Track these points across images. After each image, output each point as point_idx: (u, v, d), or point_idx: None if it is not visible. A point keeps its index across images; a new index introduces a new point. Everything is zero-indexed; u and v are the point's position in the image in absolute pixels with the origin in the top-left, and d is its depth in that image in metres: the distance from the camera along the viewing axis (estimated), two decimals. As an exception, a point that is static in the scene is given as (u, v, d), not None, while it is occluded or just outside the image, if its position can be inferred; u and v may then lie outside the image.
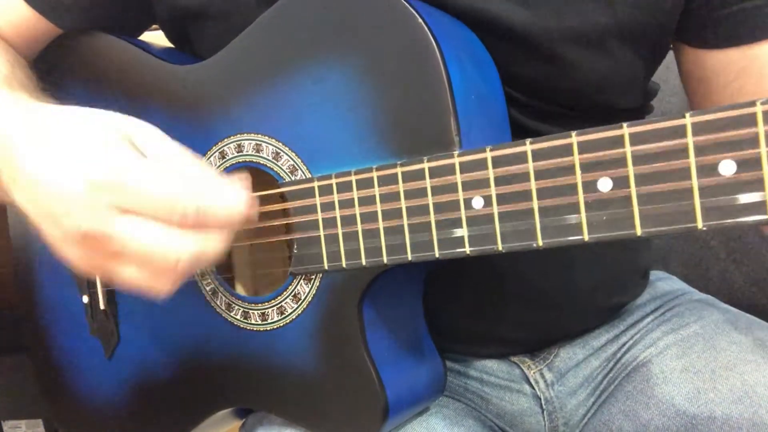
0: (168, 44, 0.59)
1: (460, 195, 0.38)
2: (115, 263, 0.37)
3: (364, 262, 0.42)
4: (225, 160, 0.49)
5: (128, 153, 0.37)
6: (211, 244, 0.37)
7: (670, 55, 0.53)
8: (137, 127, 0.40)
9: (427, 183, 0.39)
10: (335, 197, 0.43)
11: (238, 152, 0.48)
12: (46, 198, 0.38)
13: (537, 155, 0.35)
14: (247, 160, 0.48)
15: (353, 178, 0.42)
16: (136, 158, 0.37)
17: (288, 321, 0.48)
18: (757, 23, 0.46)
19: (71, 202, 0.36)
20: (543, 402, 0.55)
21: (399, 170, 0.40)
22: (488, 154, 0.37)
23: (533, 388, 0.55)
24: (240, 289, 0.56)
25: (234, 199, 0.37)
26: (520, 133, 0.47)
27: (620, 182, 0.33)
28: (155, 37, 0.60)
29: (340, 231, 0.43)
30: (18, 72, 0.52)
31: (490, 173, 0.37)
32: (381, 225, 0.41)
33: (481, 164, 0.37)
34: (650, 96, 0.54)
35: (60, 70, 0.58)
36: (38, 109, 0.43)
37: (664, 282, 0.62)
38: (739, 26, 0.47)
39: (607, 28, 0.45)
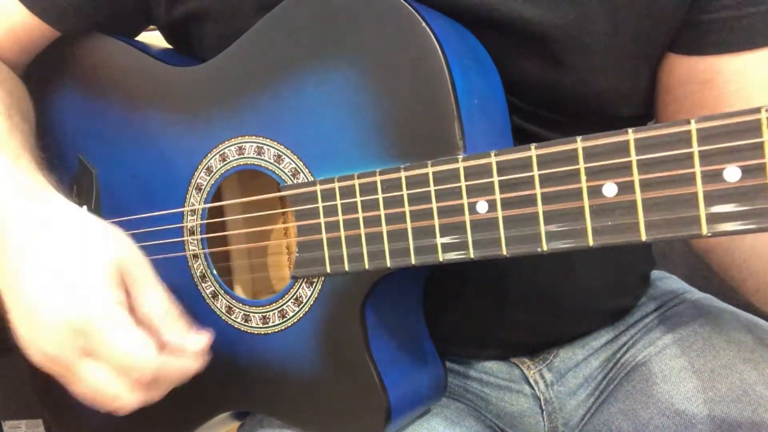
0: (166, 45, 0.58)
1: (464, 199, 0.38)
2: (66, 380, 0.43)
3: (367, 265, 0.42)
4: (226, 162, 0.49)
5: (110, 295, 0.41)
6: (159, 392, 0.44)
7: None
8: (131, 261, 0.43)
9: (431, 187, 0.39)
10: (338, 201, 0.43)
11: (239, 155, 0.48)
12: (28, 314, 0.42)
13: (542, 160, 0.35)
14: (249, 162, 0.48)
15: (356, 182, 0.42)
16: (116, 307, 0.41)
17: (289, 324, 0.48)
18: (733, 37, 0.46)
19: (49, 331, 0.41)
20: (543, 402, 0.55)
21: (402, 174, 0.40)
22: (493, 159, 0.37)
23: (533, 388, 0.56)
24: (240, 292, 0.56)
25: (191, 363, 0.43)
26: (521, 139, 0.47)
27: (625, 188, 0.33)
28: (153, 38, 0.59)
29: (342, 235, 0.43)
30: (16, 118, 0.51)
31: (495, 178, 0.37)
32: (384, 229, 0.41)
33: (486, 169, 0.37)
34: (653, 105, 0.54)
35: (58, 73, 0.57)
36: (37, 203, 0.45)
37: (664, 282, 0.62)
38: (710, 35, 0.46)
39: (612, 35, 0.45)
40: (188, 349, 0.43)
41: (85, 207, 0.53)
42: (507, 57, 0.45)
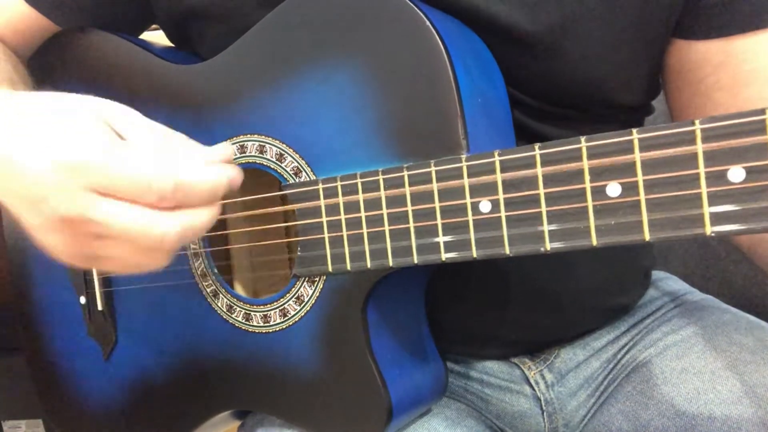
0: (168, 43, 0.58)
1: (468, 199, 0.38)
2: (98, 247, 0.37)
3: (369, 264, 0.42)
4: (227, 161, 0.49)
5: (101, 135, 0.36)
6: (197, 218, 0.37)
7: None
8: (116, 110, 0.39)
9: (434, 186, 0.39)
10: (340, 200, 0.43)
11: (241, 153, 0.48)
12: (21, 184, 0.37)
13: (545, 160, 0.35)
14: (251, 161, 0.48)
15: (359, 180, 0.42)
16: (110, 140, 0.36)
17: (291, 323, 0.48)
18: (741, 17, 0.46)
19: (47, 187, 0.36)
20: (543, 403, 0.55)
21: (405, 173, 0.40)
22: (496, 158, 0.37)
23: (533, 389, 0.55)
24: (240, 291, 0.56)
25: (214, 172, 0.37)
26: (523, 134, 0.47)
27: (629, 188, 0.33)
28: (156, 37, 0.59)
29: (344, 234, 0.43)
30: (4, 65, 0.51)
31: (498, 177, 0.37)
32: (387, 228, 0.41)
33: (489, 168, 0.37)
34: (655, 92, 0.54)
35: (56, 69, 0.57)
36: (14, 95, 0.42)
37: (664, 282, 0.62)
38: (721, 17, 0.47)
39: (609, 21, 0.45)
40: (203, 168, 0.37)
41: None
42: (502, 50, 0.45)
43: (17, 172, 0.37)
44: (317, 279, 0.46)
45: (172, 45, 0.58)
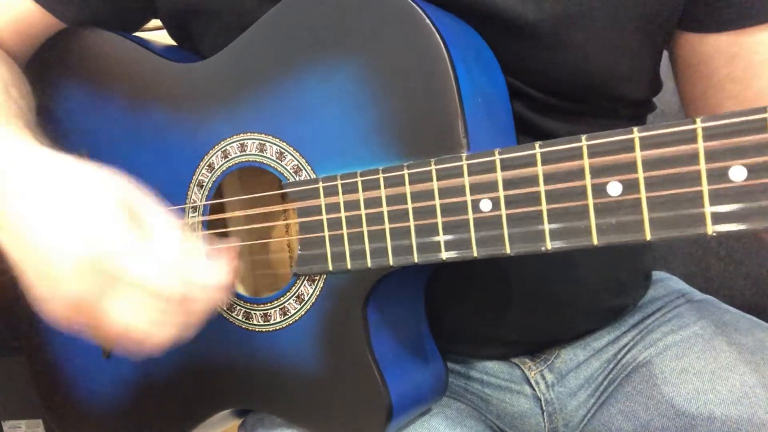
0: (169, 42, 0.58)
1: (468, 197, 0.38)
2: (98, 327, 0.40)
3: (369, 263, 0.42)
4: (228, 159, 0.49)
5: (123, 229, 0.39)
6: (190, 323, 0.41)
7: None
8: (133, 193, 0.42)
9: (435, 185, 0.39)
10: (340, 198, 0.43)
11: (241, 152, 0.48)
12: (42, 264, 0.39)
13: (546, 158, 0.35)
14: (251, 159, 0.48)
15: (359, 179, 0.42)
16: (130, 236, 0.39)
17: (291, 322, 0.48)
18: (751, 9, 0.47)
19: (66, 274, 0.39)
20: (543, 403, 0.55)
21: (406, 172, 0.40)
22: (497, 157, 0.37)
23: (534, 389, 0.55)
24: (241, 289, 0.56)
25: (218, 276, 0.41)
26: (524, 128, 0.47)
27: (630, 187, 0.33)
28: (158, 37, 0.59)
29: (345, 232, 0.43)
30: (12, 91, 0.51)
31: (499, 176, 0.37)
32: (387, 227, 0.41)
33: (490, 166, 0.37)
34: (657, 88, 0.54)
35: (57, 68, 0.57)
36: (34, 157, 0.43)
37: (665, 282, 0.62)
38: (731, 10, 0.47)
39: (613, 11, 0.45)
40: (212, 271, 0.41)
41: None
42: (504, 41, 0.45)
43: (40, 255, 0.39)
44: (317, 278, 0.46)
45: (174, 44, 0.58)
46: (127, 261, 0.39)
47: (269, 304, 0.49)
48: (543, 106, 0.48)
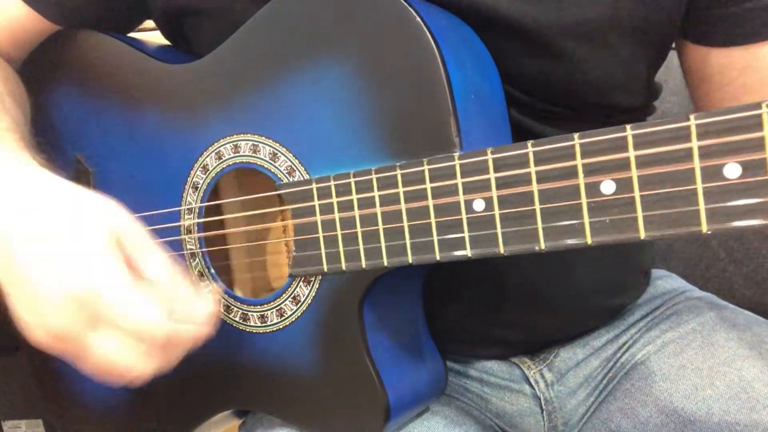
0: (164, 42, 0.58)
1: (461, 197, 0.38)
2: (79, 356, 0.41)
3: (364, 264, 0.42)
4: (222, 161, 0.49)
5: (112, 265, 0.39)
6: (172, 359, 0.42)
7: (671, 54, 0.53)
8: (126, 225, 0.42)
9: (427, 185, 0.39)
10: (334, 199, 0.42)
11: (234, 153, 0.48)
12: (29, 294, 0.40)
13: (539, 157, 0.35)
14: (244, 161, 0.47)
15: (352, 180, 0.41)
16: (119, 273, 0.39)
17: (288, 323, 0.48)
18: (763, 22, 0.46)
19: (53, 307, 0.39)
20: (543, 402, 0.55)
21: (398, 172, 0.40)
22: (489, 156, 0.36)
23: (533, 388, 0.55)
24: (238, 291, 0.56)
25: (204, 315, 0.42)
26: (520, 134, 0.47)
27: (623, 185, 0.33)
28: (153, 37, 0.59)
29: (339, 233, 0.43)
30: (7, 101, 0.51)
31: (491, 175, 0.36)
32: (381, 227, 0.41)
33: (482, 166, 0.37)
34: (654, 95, 0.53)
35: (53, 73, 0.57)
36: (27, 178, 0.43)
37: (664, 281, 0.61)
38: (744, 25, 0.47)
39: (609, 22, 0.45)
40: (198, 311, 0.42)
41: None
42: (500, 47, 0.44)
43: (27, 286, 0.40)
44: (313, 279, 0.46)
45: (168, 44, 0.58)
46: (114, 299, 0.39)
47: (266, 306, 0.49)
48: (538, 113, 0.48)
